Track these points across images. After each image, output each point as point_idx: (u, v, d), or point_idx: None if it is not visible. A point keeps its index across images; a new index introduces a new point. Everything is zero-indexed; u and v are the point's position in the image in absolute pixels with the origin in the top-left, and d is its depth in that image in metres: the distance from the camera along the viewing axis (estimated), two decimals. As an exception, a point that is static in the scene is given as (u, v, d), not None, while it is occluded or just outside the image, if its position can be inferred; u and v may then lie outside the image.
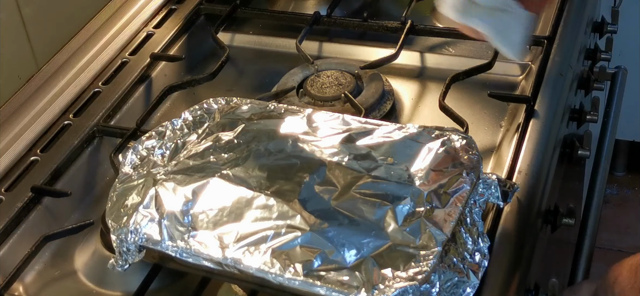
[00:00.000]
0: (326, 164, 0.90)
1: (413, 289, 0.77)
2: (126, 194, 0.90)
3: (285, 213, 0.84)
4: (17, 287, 0.97)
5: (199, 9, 1.38)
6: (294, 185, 0.87)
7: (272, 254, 0.81)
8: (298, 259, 0.80)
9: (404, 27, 1.26)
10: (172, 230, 0.85)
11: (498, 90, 1.16)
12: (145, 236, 0.85)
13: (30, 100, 1.19)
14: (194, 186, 0.89)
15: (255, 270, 0.81)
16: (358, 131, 0.96)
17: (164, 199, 0.88)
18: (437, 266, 0.79)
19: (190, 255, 0.84)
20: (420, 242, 0.81)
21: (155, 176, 0.91)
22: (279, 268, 0.80)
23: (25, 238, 1.01)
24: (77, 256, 1.01)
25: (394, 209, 0.84)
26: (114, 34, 1.32)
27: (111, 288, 0.97)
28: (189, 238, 0.84)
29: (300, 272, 0.79)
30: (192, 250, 0.84)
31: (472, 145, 0.92)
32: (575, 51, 1.27)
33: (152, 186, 0.90)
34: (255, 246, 0.82)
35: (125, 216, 0.87)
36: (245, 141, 0.95)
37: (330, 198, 0.86)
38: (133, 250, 0.86)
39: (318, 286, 0.78)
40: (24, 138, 1.13)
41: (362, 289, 0.77)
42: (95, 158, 1.14)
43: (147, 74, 1.25)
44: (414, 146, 0.92)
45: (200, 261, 0.83)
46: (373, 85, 1.17)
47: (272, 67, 1.29)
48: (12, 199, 1.05)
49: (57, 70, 1.24)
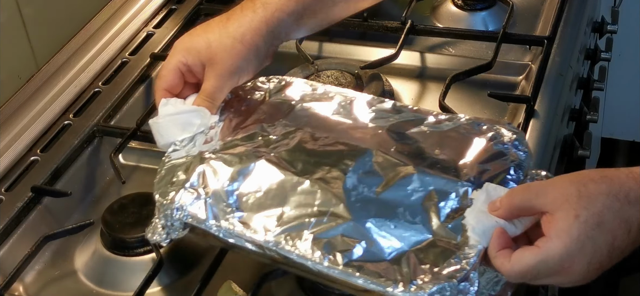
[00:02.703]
0: (373, 153, 0.89)
1: (451, 287, 0.76)
2: (174, 171, 0.90)
3: (329, 200, 0.84)
4: (17, 287, 0.97)
5: (199, 9, 1.38)
6: (339, 173, 0.87)
7: (313, 241, 0.81)
8: (338, 248, 0.80)
9: (404, 27, 1.26)
10: (217, 210, 0.85)
11: (498, 90, 1.16)
12: (190, 214, 0.86)
13: (30, 100, 1.19)
14: (241, 167, 0.88)
15: (296, 255, 0.80)
16: (407, 119, 0.94)
17: (210, 178, 0.88)
18: (477, 265, 0.77)
19: (233, 236, 0.84)
20: (462, 240, 0.79)
21: (203, 155, 0.91)
22: (319, 256, 0.79)
23: (25, 238, 1.01)
24: (77, 256, 1.01)
25: (437, 205, 0.83)
26: (114, 34, 1.32)
27: (111, 288, 0.97)
28: (232, 218, 0.84)
29: (340, 261, 0.79)
30: (235, 231, 0.84)
31: (522, 141, 0.90)
32: (575, 51, 1.27)
33: (199, 164, 0.90)
34: (297, 231, 0.82)
35: (172, 192, 0.87)
36: (293, 125, 0.94)
37: (375, 188, 0.85)
38: (177, 226, 0.86)
39: (357, 276, 0.78)
40: (24, 138, 1.13)
41: (400, 283, 0.76)
42: (95, 158, 1.14)
43: (147, 74, 1.25)
44: (462, 138, 0.90)
45: (242, 242, 0.83)
46: (373, 85, 1.17)
47: (272, 67, 1.28)
48: (12, 199, 1.05)
49: (57, 70, 1.24)
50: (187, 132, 0.95)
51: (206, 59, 0.96)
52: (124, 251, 0.98)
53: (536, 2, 1.37)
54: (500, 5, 1.34)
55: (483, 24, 1.33)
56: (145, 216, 0.99)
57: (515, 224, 0.78)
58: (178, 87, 0.98)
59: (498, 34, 1.23)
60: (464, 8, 1.35)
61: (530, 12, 1.36)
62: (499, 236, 0.77)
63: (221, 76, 0.96)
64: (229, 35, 0.96)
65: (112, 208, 1.01)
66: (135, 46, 1.31)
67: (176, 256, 0.98)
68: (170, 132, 0.95)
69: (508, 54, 1.25)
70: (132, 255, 0.98)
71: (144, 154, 1.15)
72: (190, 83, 0.99)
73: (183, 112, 0.96)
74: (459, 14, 1.35)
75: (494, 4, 1.35)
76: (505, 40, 1.23)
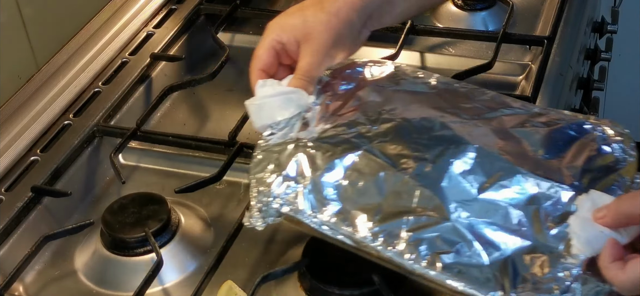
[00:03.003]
0: (475, 151, 0.84)
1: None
2: (270, 156, 0.89)
3: (428, 197, 0.81)
4: (17, 287, 0.97)
5: (199, 9, 1.38)
6: (439, 170, 0.83)
7: (410, 240, 0.78)
8: (436, 248, 0.77)
9: (404, 27, 1.26)
10: (314, 200, 0.84)
11: (498, 90, 1.15)
12: (287, 202, 0.84)
13: (30, 100, 1.19)
14: (339, 157, 0.86)
15: (392, 253, 0.78)
16: (512, 115, 0.90)
17: (307, 167, 0.86)
18: (580, 277, 0.74)
19: (329, 228, 0.82)
20: (565, 248, 0.76)
21: (301, 142, 0.89)
22: (416, 256, 0.77)
23: (25, 238, 1.01)
24: (77, 256, 1.01)
25: (539, 209, 0.79)
26: (114, 34, 1.32)
27: (111, 288, 0.97)
28: (329, 210, 0.83)
29: (437, 263, 0.77)
30: (331, 223, 0.82)
31: (630, 144, 0.86)
32: (575, 51, 1.27)
33: (297, 152, 0.88)
34: (394, 229, 0.80)
35: (269, 179, 0.86)
36: (394, 115, 0.90)
37: (476, 188, 0.81)
38: (273, 213, 0.85)
39: (453, 279, 0.76)
40: (24, 138, 1.13)
41: (498, 290, 0.74)
42: (95, 158, 1.14)
43: (147, 74, 1.25)
44: (567, 139, 0.86)
45: (337, 235, 0.82)
46: (373, 85, 1.17)
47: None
48: (12, 199, 1.05)
49: (57, 70, 1.24)
50: (284, 114, 0.93)
51: (301, 35, 0.94)
52: (124, 251, 0.98)
53: (536, 2, 1.37)
54: (500, 5, 1.34)
55: (483, 24, 1.33)
56: (145, 216, 0.99)
57: (621, 233, 0.75)
58: (273, 67, 0.96)
59: (498, 34, 1.23)
60: (464, 8, 1.35)
61: (530, 12, 1.36)
62: (613, 246, 0.74)
63: (317, 52, 0.94)
64: (324, 10, 0.94)
65: (112, 208, 1.01)
66: (135, 46, 1.31)
67: (176, 256, 0.98)
68: (268, 113, 0.93)
69: (508, 54, 1.25)
70: (132, 255, 0.98)
71: (144, 154, 1.15)
72: (284, 65, 0.97)
73: (280, 93, 0.94)
74: (459, 14, 1.35)
75: (494, 4, 1.35)
76: (505, 40, 1.23)
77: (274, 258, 0.98)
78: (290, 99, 0.93)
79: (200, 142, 1.12)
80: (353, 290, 0.89)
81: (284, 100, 0.93)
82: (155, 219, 0.99)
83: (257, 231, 1.01)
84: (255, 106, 0.94)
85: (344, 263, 0.90)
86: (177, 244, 0.99)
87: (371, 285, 0.88)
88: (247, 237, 1.00)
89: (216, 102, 1.25)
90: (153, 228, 0.97)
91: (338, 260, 0.91)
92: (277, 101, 0.93)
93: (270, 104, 0.93)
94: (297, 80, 0.94)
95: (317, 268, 0.91)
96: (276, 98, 0.94)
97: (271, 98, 0.94)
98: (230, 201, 1.07)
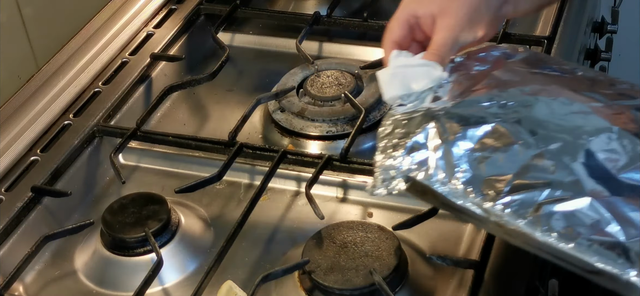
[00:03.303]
0: (614, 132, 0.82)
1: None
2: (399, 125, 0.88)
3: (564, 173, 0.79)
4: (17, 287, 0.97)
5: (199, 9, 1.38)
6: (576, 148, 0.81)
7: (542, 212, 0.77)
8: (570, 223, 0.76)
9: (404, 27, 1.26)
10: (443, 169, 0.82)
11: (498, 90, 1.16)
12: (416, 168, 0.83)
13: (30, 100, 1.19)
14: (471, 128, 0.85)
15: (523, 224, 0.77)
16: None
17: (438, 135, 0.85)
18: None
19: (457, 197, 0.81)
20: None
21: (435, 112, 0.88)
22: (548, 228, 0.76)
23: (25, 238, 1.01)
24: (77, 256, 1.01)
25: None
26: (114, 34, 1.32)
27: (111, 288, 0.97)
28: (458, 179, 0.81)
29: (572, 237, 0.75)
30: (459, 191, 0.81)
31: None
32: (575, 50, 1.27)
33: (429, 121, 0.87)
34: (526, 200, 0.78)
35: (398, 146, 0.85)
36: (530, 93, 0.89)
37: (615, 166, 0.79)
38: (399, 179, 0.84)
39: (589, 255, 0.74)
40: (24, 138, 1.13)
41: (636, 269, 0.72)
42: (95, 158, 1.14)
43: (147, 74, 1.25)
44: None
45: (466, 203, 0.80)
46: (373, 85, 1.17)
47: (272, 67, 1.29)
48: (12, 199, 1.05)
49: (57, 70, 1.24)
50: (415, 86, 0.91)
51: (438, 10, 0.93)
52: (124, 251, 0.98)
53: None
54: (500, 5, 1.34)
55: (483, 24, 1.33)
56: (145, 216, 0.99)
57: None
58: (407, 41, 0.95)
59: (498, 34, 1.23)
60: (464, 8, 1.35)
61: (530, 12, 1.36)
62: None
63: (453, 27, 0.92)
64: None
65: (112, 208, 1.01)
66: (135, 46, 1.31)
67: (176, 256, 0.98)
68: (400, 84, 0.92)
69: (508, 54, 1.25)
70: (132, 255, 0.98)
71: (144, 154, 1.15)
72: (417, 42, 0.96)
73: (413, 65, 0.92)
74: (459, 14, 1.35)
75: (494, 4, 1.35)
76: (505, 40, 1.23)
77: (274, 258, 0.98)
78: (424, 72, 0.92)
79: (200, 142, 1.12)
80: (353, 290, 0.89)
81: (418, 72, 0.92)
82: (155, 219, 0.99)
83: (257, 231, 1.02)
84: (388, 75, 0.93)
85: (344, 263, 0.90)
86: (177, 244, 0.99)
87: (371, 285, 0.88)
88: (247, 237, 1.00)
89: (216, 102, 1.25)
90: (153, 228, 0.97)
91: (338, 260, 0.91)
92: (411, 72, 0.92)
93: (404, 74, 0.92)
94: (431, 54, 0.93)
95: (317, 268, 0.91)
96: (410, 69, 0.92)
97: (405, 68, 0.93)
98: (230, 201, 1.07)
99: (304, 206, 1.04)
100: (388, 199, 1.04)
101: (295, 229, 1.02)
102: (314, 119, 1.14)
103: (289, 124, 1.14)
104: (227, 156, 1.07)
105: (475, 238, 0.98)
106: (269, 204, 1.06)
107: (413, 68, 0.92)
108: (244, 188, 1.09)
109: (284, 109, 1.16)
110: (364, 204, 1.05)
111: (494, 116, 0.86)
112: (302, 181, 1.05)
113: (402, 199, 1.04)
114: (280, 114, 1.15)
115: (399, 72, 0.92)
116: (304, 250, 0.93)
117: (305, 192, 1.00)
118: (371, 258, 0.91)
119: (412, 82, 0.92)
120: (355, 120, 1.10)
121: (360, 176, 1.06)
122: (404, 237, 0.96)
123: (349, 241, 0.93)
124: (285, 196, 1.07)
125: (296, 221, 1.04)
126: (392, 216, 1.02)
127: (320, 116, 1.14)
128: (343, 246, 0.93)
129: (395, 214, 1.02)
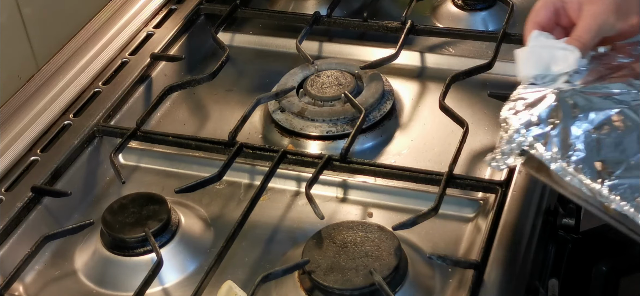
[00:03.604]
0: None
1: None
2: (524, 99, 0.89)
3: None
4: (17, 287, 0.97)
5: (199, 9, 1.38)
6: None
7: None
8: None
9: (404, 27, 1.26)
10: (559, 146, 0.84)
11: (498, 90, 1.15)
12: (533, 143, 0.85)
13: (30, 100, 1.19)
14: (594, 111, 0.86)
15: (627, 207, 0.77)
16: None
17: (559, 113, 0.86)
18: None
19: (568, 175, 0.82)
20: None
21: (561, 90, 0.89)
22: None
23: (25, 238, 1.01)
24: (77, 256, 1.01)
25: None
26: (114, 34, 1.32)
27: (111, 288, 0.97)
28: (572, 158, 0.82)
29: None
30: (570, 171, 0.82)
31: None
32: (575, 50, 1.27)
33: (552, 98, 0.88)
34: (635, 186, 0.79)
35: (519, 119, 0.87)
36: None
37: None
38: (515, 149, 0.85)
39: None
40: (24, 138, 1.13)
41: None
42: (95, 158, 1.14)
43: (147, 74, 1.25)
44: None
45: (574, 183, 0.81)
46: (373, 85, 1.17)
47: (272, 67, 1.29)
48: (12, 199, 1.05)
49: (57, 70, 1.24)
50: (554, 68, 0.92)
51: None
52: (124, 251, 0.98)
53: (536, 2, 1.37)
54: (500, 5, 1.34)
55: (483, 24, 1.33)
56: (145, 216, 0.99)
57: None
58: (550, 24, 0.95)
59: (498, 34, 1.23)
60: (464, 8, 1.35)
61: (530, 12, 1.36)
62: None
63: (598, 15, 0.92)
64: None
65: (112, 208, 1.01)
66: (135, 46, 1.31)
67: (176, 256, 0.98)
68: (536, 63, 0.92)
69: (508, 54, 1.25)
70: (132, 255, 0.98)
71: (144, 154, 1.15)
72: (561, 27, 0.96)
73: (553, 46, 0.92)
74: (459, 14, 1.35)
75: (494, 4, 1.35)
76: (505, 40, 1.23)
77: (274, 258, 0.98)
78: (563, 56, 0.92)
79: (200, 142, 1.12)
80: (353, 290, 0.89)
81: (557, 55, 0.92)
82: (155, 219, 0.99)
83: (257, 231, 1.02)
84: (526, 53, 0.93)
85: (344, 263, 0.90)
86: (177, 244, 0.99)
87: (371, 285, 0.88)
88: (247, 237, 1.00)
89: (216, 102, 1.25)
90: (153, 228, 0.97)
91: (338, 260, 0.91)
92: (550, 54, 0.92)
93: (542, 54, 0.93)
94: (574, 40, 0.93)
95: (317, 268, 0.91)
96: (549, 51, 0.93)
97: (544, 49, 0.93)
98: (230, 201, 1.07)
99: (304, 206, 1.04)
100: (388, 199, 1.05)
101: (295, 229, 1.02)
102: (314, 119, 1.14)
103: (289, 124, 1.14)
104: (227, 156, 1.07)
105: (475, 238, 0.98)
106: (269, 204, 1.06)
107: (553, 50, 0.93)
108: (244, 188, 1.09)
109: (284, 109, 1.16)
110: (364, 204, 1.05)
111: (619, 103, 0.87)
112: (302, 181, 1.05)
113: (402, 199, 1.04)
114: (280, 114, 1.15)
115: (537, 52, 0.93)
116: (304, 250, 0.93)
117: (305, 192, 1.00)
118: (371, 258, 0.91)
119: (550, 64, 0.92)
120: (355, 120, 1.10)
121: (360, 176, 1.06)
122: (404, 237, 0.96)
123: (349, 241, 0.93)
124: (285, 196, 1.07)
125: (296, 221, 1.04)
126: (392, 216, 1.02)
127: (320, 116, 1.14)
128: (343, 246, 0.93)
129: (395, 214, 1.02)
